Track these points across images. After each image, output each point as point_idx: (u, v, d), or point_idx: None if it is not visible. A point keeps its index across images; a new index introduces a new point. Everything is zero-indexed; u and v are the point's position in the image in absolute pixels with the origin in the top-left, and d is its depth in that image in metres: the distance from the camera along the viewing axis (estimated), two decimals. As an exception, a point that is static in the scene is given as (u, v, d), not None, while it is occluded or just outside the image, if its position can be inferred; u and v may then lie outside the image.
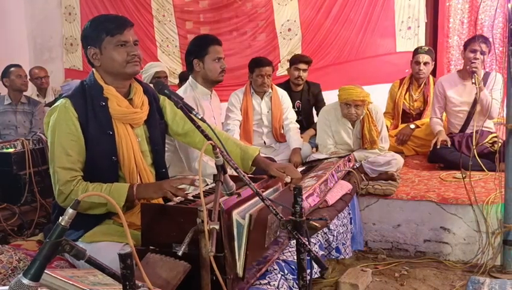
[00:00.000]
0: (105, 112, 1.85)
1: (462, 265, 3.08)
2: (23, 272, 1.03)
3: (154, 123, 2.02)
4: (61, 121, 1.79)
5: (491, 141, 3.75)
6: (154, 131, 2.02)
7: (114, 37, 1.81)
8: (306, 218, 1.67)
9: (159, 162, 2.06)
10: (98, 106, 1.84)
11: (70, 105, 1.81)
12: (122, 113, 1.87)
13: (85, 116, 1.82)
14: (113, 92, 1.86)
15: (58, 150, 1.79)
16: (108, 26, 1.82)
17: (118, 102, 1.86)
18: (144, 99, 1.97)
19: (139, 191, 1.81)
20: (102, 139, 1.84)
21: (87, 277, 1.39)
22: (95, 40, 1.83)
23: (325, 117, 3.74)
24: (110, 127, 1.85)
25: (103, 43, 1.82)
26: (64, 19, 7.15)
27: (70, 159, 1.80)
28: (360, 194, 3.40)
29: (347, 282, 2.78)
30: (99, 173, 1.85)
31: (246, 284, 1.64)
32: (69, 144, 1.79)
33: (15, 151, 3.01)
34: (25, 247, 2.06)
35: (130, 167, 1.89)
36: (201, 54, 2.71)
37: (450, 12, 5.98)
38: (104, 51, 1.83)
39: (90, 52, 1.85)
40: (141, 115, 1.94)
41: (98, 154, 1.85)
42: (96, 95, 1.85)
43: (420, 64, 4.22)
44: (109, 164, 1.87)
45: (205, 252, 1.40)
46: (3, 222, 2.69)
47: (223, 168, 1.58)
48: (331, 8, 5.89)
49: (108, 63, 1.84)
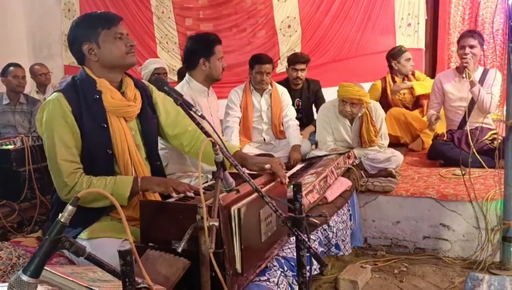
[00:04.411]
0: (99, 105, 1.85)
1: (461, 262, 3.08)
2: (23, 268, 1.03)
3: (147, 117, 2.02)
4: (57, 114, 1.80)
5: (490, 138, 3.75)
6: (147, 125, 2.02)
7: (111, 30, 1.85)
8: (305, 215, 1.67)
9: (153, 156, 2.07)
10: (91, 99, 1.85)
11: (63, 98, 1.81)
12: (116, 106, 1.88)
13: (78, 110, 1.82)
14: (107, 85, 1.88)
15: (58, 143, 1.79)
16: (102, 21, 1.85)
17: (112, 95, 1.87)
18: (136, 93, 1.98)
19: (144, 182, 1.83)
20: (96, 132, 1.85)
21: (87, 273, 1.39)
22: (90, 36, 1.84)
23: (324, 114, 3.75)
24: (104, 120, 1.86)
25: (100, 37, 1.84)
26: (64, 15, 7.15)
27: (70, 152, 1.81)
28: (359, 191, 3.40)
29: (346, 279, 2.79)
30: (96, 167, 1.86)
31: (245, 281, 1.64)
32: (67, 137, 1.80)
33: (15, 148, 3.01)
34: (25, 244, 2.06)
35: (124, 159, 1.90)
36: (208, 53, 2.72)
37: (450, 8, 5.98)
38: (103, 44, 1.85)
39: (85, 47, 1.85)
40: (134, 109, 1.95)
41: (94, 147, 1.86)
42: (89, 89, 1.86)
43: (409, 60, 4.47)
44: (105, 157, 1.87)
45: (205, 248, 1.40)
46: (3, 219, 2.69)
47: (222, 165, 1.58)
48: (331, 4, 5.89)
49: (108, 55, 1.86)
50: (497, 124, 3.81)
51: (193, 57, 2.77)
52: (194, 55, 2.76)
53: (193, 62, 2.77)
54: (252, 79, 3.90)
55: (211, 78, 2.80)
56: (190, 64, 2.81)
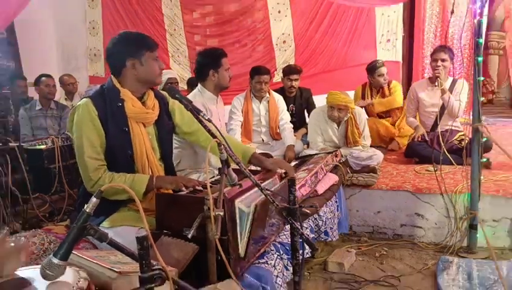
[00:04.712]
0: (121, 111, 1.86)
1: (434, 246, 3.08)
2: (54, 252, 1.03)
3: (163, 123, 2.03)
4: (85, 118, 1.80)
5: (459, 139, 3.75)
6: (162, 130, 2.03)
7: (152, 53, 1.89)
8: (299, 206, 1.67)
9: (167, 157, 2.07)
10: (115, 106, 1.85)
11: (91, 104, 1.82)
12: (136, 113, 1.88)
13: (104, 115, 1.83)
14: (129, 95, 1.88)
15: (86, 142, 1.80)
16: (148, 44, 1.89)
17: (133, 103, 1.88)
18: (155, 103, 1.99)
19: (158, 181, 1.84)
20: (119, 135, 1.85)
21: (109, 256, 1.39)
22: (135, 53, 1.86)
23: (315, 118, 3.75)
24: (126, 125, 1.86)
25: (143, 57, 1.87)
26: (89, 32, 7.14)
27: (96, 151, 1.82)
28: (345, 185, 3.39)
29: (334, 261, 2.79)
30: (117, 165, 1.86)
31: (246, 263, 1.64)
32: (93, 138, 1.81)
33: (46, 147, 3.00)
34: (55, 231, 2.05)
35: (142, 160, 1.90)
36: (216, 65, 2.72)
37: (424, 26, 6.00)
38: (145, 63, 1.87)
39: (129, 62, 1.86)
40: (152, 115, 1.95)
41: (116, 148, 1.86)
42: (113, 97, 1.86)
43: (383, 76, 4.42)
44: (125, 157, 1.87)
45: (211, 235, 1.40)
46: (36, 209, 2.69)
47: (226, 162, 1.58)
48: (321, 23, 5.89)
49: (147, 72, 1.88)
50: (465, 126, 3.80)
51: (203, 69, 2.76)
52: (204, 68, 2.75)
53: (204, 74, 2.77)
54: (252, 88, 3.90)
55: (220, 86, 2.79)
56: (201, 76, 2.80)
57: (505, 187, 3.07)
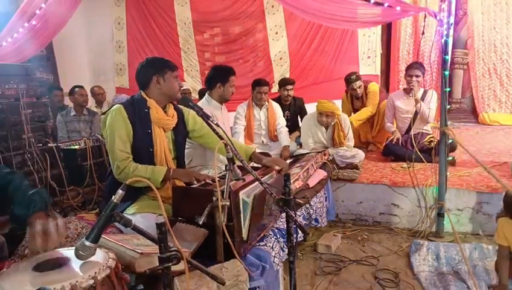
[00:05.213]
0: (147, 117, 1.92)
1: (407, 231, 3.08)
2: (86, 236, 1.03)
3: (179, 130, 2.09)
4: (118, 119, 1.87)
5: (428, 140, 3.74)
6: (179, 136, 2.09)
7: (173, 72, 1.98)
8: (293, 197, 1.67)
9: (180, 158, 2.12)
10: (143, 112, 1.92)
11: (123, 109, 1.89)
12: (159, 119, 1.95)
13: (133, 118, 1.89)
14: (154, 104, 1.95)
15: (117, 138, 1.86)
16: (170, 65, 1.98)
17: (156, 111, 1.95)
18: (174, 113, 2.05)
19: (174, 173, 1.87)
20: (143, 136, 1.91)
21: (133, 239, 1.39)
22: (160, 72, 1.94)
23: (306, 123, 3.74)
24: (150, 128, 1.93)
25: (166, 74, 1.95)
26: (115, 50, 7.15)
27: (124, 145, 1.87)
28: (332, 179, 3.39)
29: (323, 244, 2.79)
30: (140, 158, 1.90)
31: (249, 246, 1.64)
32: (123, 135, 1.87)
33: (79, 148, 3.00)
34: (87, 218, 2.05)
35: (160, 156, 1.95)
36: (224, 80, 2.73)
37: (399, 45, 5.99)
38: (167, 80, 1.95)
39: (155, 78, 1.94)
40: (171, 122, 2.01)
41: (140, 145, 1.91)
42: (141, 105, 1.94)
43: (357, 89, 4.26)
44: (147, 153, 1.92)
45: (219, 222, 1.41)
46: (71, 200, 2.69)
47: (231, 160, 1.59)
48: (311, 42, 5.90)
49: (169, 88, 1.96)
50: (434, 130, 3.80)
51: (213, 80, 2.76)
52: (214, 80, 2.75)
53: (212, 85, 2.77)
54: (253, 97, 3.90)
55: (223, 98, 2.80)
56: (210, 85, 2.80)
57: (468, 181, 3.07)
